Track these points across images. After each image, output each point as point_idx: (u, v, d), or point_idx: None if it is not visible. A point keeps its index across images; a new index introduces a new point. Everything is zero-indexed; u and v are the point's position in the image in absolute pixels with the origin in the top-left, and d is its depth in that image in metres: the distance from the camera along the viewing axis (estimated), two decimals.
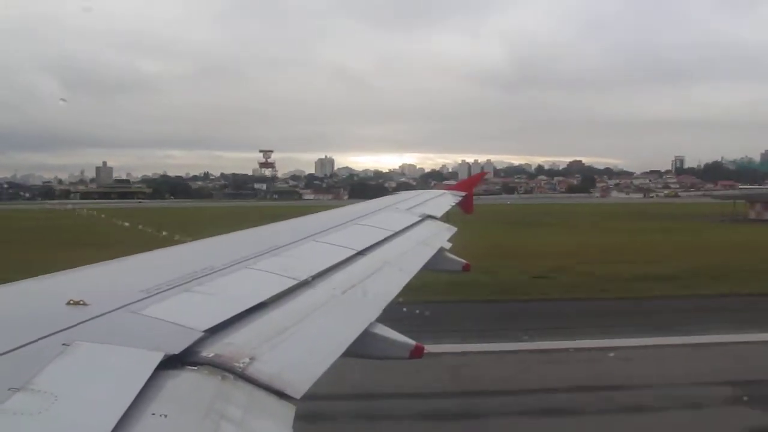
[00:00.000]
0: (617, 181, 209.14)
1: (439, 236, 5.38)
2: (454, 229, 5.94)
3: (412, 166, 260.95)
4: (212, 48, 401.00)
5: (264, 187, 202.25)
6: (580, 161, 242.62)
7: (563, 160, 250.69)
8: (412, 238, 4.86)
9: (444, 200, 8.29)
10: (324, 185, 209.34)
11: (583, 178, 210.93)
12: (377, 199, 8.07)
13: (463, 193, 9.44)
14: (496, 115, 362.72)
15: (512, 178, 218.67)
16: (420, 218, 5.84)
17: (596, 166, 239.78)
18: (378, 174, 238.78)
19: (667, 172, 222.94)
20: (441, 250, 4.87)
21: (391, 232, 4.61)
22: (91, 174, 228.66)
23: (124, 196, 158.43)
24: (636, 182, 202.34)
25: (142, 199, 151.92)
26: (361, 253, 3.71)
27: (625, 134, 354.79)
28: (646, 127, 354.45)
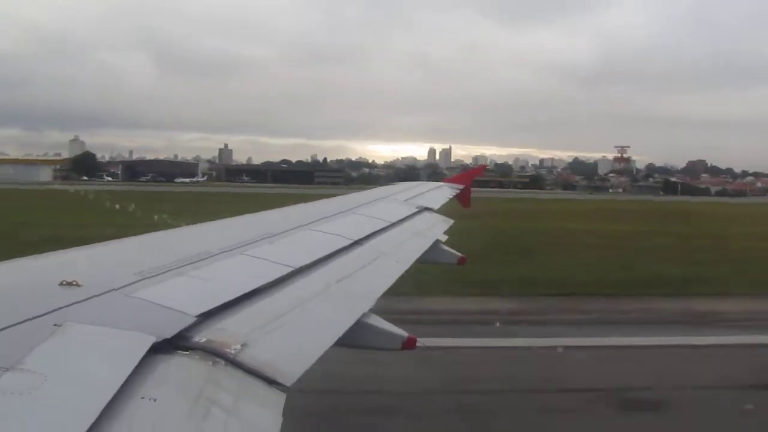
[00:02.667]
0: None
1: (436, 229, 5.38)
2: (450, 221, 5.94)
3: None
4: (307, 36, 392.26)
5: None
6: (703, 161, 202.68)
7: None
8: (409, 230, 4.87)
9: (441, 192, 8.29)
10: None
11: None
12: (374, 189, 8.06)
13: (461, 186, 9.43)
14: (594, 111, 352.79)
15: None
16: (417, 209, 5.85)
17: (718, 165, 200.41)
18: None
19: None
20: (437, 242, 4.88)
21: (388, 223, 4.61)
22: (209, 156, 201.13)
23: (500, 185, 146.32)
24: None
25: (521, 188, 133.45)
26: (356, 242, 3.71)
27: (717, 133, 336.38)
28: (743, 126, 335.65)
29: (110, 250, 2.84)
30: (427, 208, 6.16)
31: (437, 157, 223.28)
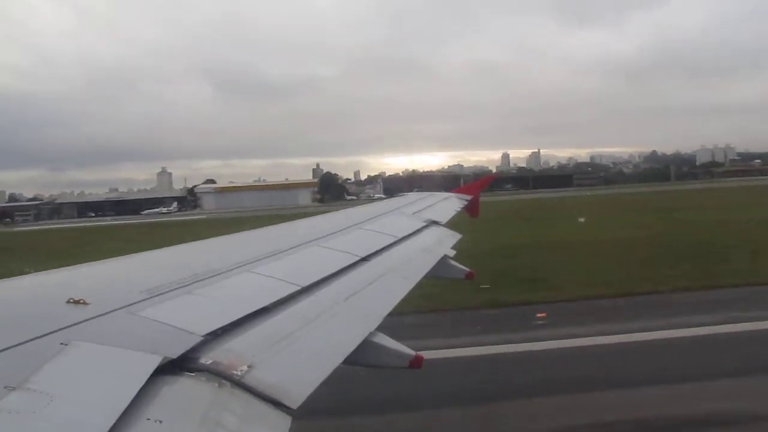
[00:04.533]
0: None
1: (443, 243, 5.36)
2: (459, 236, 5.91)
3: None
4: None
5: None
6: None
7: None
8: (416, 245, 4.84)
9: (449, 204, 8.27)
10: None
11: None
12: (383, 201, 8.06)
13: (469, 197, 9.40)
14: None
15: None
16: (425, 224, 5.83)
17: None
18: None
19: None
20: (444, 257, 4.85)
21: (395, 238, 4.60)
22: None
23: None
24: None
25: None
26: (364, 259, 3.69)
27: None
28: None
29: (118, 267, 2.85)
30: (434, 222, 6.14)
31: (510, 161, 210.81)
